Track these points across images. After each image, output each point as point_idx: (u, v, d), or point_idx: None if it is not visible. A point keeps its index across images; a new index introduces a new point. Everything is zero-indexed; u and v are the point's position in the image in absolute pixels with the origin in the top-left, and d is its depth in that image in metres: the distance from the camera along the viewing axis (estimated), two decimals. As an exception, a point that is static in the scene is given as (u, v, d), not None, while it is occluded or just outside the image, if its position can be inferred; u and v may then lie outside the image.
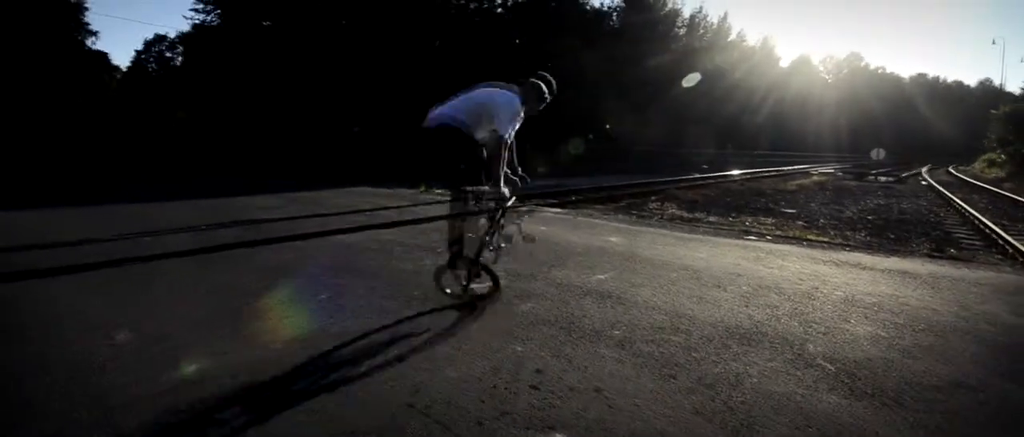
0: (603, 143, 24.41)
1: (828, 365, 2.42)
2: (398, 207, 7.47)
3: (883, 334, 2.83)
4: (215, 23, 20.72)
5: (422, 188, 10.10)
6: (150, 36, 30.97)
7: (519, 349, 2.52)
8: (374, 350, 2.48)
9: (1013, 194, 14.43)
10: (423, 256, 4.46)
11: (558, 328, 2.80)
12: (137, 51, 28.59)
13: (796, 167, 26.71)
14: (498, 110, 2.95)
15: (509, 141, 2.96)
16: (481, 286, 3.25)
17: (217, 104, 16.92)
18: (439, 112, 3.03)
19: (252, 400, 2.01)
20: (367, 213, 6.90)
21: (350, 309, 3.04)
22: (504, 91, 3.05)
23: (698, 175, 17.89)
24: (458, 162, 2.99)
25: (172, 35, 26.13)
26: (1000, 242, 6.56)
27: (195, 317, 2.88)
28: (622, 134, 26.32)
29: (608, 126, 25.60)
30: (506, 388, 2.13)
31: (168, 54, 27.46)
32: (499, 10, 25.26)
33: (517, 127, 3.08)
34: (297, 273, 3.83)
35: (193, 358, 2.32)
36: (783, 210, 10.06)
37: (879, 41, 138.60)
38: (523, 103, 3.08)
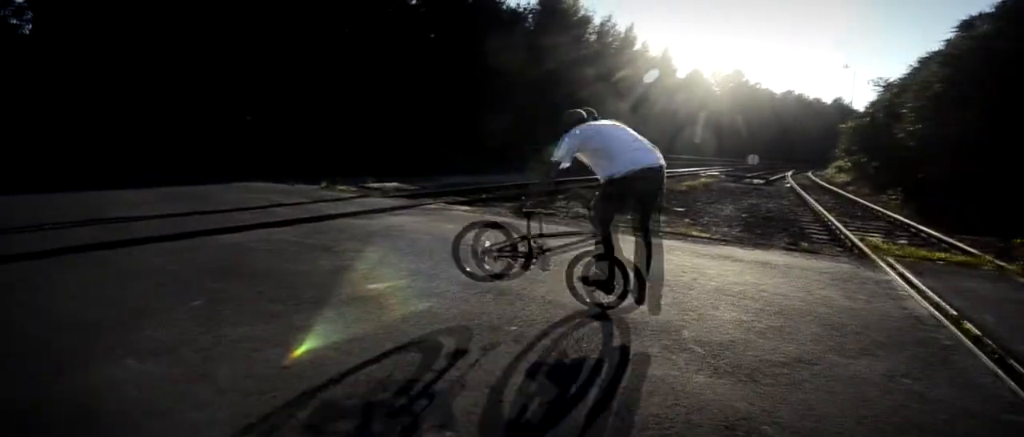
0: (518, 141, 24.84)
1: (698, 348, 2.69)
2: (296, 204, 7.02)
3: (744, 319, 3.20)
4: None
5: (324, 184, 9.55)
6: (-14, -2, 25.81)
7: (413, 349, 2.49)
8: (254, 359, 2.29)
9: (854, 196, 17.12)
10: (319, 256, 4.21)
11: (455, 324, 2.80)
12: (-28, 15, 23.65)
13: (687, 170, 29.29)
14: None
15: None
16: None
17: (77, 82, 14.49)
18: (648, 151, 3.03)
19: (103, 424, 1.76)
20: (258, 210, 6.41)
21: (229, 316, 2.78)
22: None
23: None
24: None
25: (20, -1, 21.97)
26: (841, 236, 7.75)
27: (33, 333, 2.46)
28: (536, 134, 26.97)
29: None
30: (399, 389, 2.08)
31: (13, 20, 23.04)
32: (413, 1, 24.64)
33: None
34: (168, 278, 3.42)
35: (29, 383, 1.98)
36: (674, 209, 10.99)
37: (758, 61, 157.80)
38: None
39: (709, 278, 4.15)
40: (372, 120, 18.30)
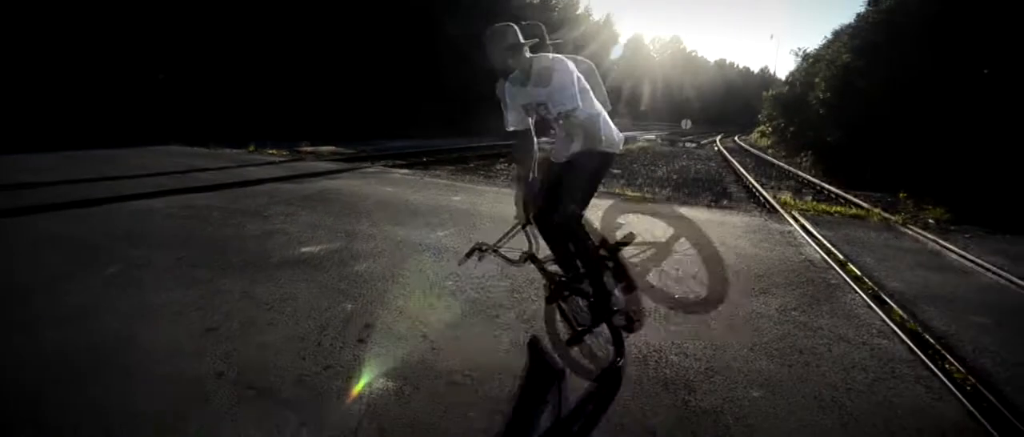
0: (460, 107, 24.39)
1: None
2: (219, 168, 6.60)
3: (664, 268, 3.48)
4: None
5: (252, 148, 9.00)
6: None
7: (349, 306, 2.52)
8: (177, 323, 2.23)
9: (773, 159, 18.47)
10: (246, 222, 4.05)
11: (392, 283, 2.85)
12: None
13: (627, 134, 30.22)
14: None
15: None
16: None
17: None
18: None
19: (27, 390, 1.67)
20: (177, 176, 5.99)
21: (149, 282, 2.66)
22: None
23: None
24: None
25: None
26: (756, 194, 8.44)
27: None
28: (477, 98, 26.61)
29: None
30: (331, 344, 2.12)
31: None
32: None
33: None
34: (79, 245, 3.18)
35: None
36: (611, 171, 11.41)
37: (693, 28, 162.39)
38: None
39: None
40: (307, 81, 17.20)
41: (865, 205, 7.51)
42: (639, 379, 2.02)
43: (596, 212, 2.31)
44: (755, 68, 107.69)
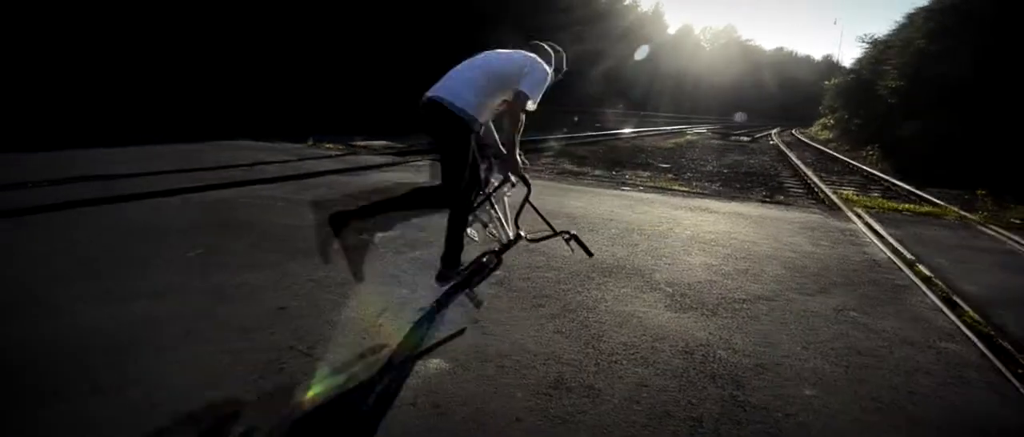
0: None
1: (668, 288, 2.90)
2: (282, 162, 7.02)
3: (713, 262, 3.43)
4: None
5: (310, 142, 9.49)
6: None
7: (405, 292, 2.66)
8: (253, 300, 2.45)
9: (835, 152, 17.44)
10: (308, 211, 4.31)
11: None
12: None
13: (675, 127, 29.34)
14: (530, 71, 2.36)
15: (533, 108, 2.38)
16: None
17: (56, 46, 13.88)
18: (440, 86, 2.40)
19: (124, 356, 1.91)
20: (245, 168, 6.42)
21: (227, 264, 2.92)
22: (532, 54, 2.49)
23: (591, 133, 18.94)
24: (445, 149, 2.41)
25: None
26: (816, 190, 8.03)
27: (46, 280, 2.57)
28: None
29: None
30: (390, 325, 2.26)
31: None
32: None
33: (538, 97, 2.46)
34: (163, 230, 3.52)
35: (55, 319, 2.11)
36: (659, 165, 11.16)
37: (749, 16, 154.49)
38: (554, 70, 2.57)
39: (684, 228, 4.36)
40: (361, 77, 17.88)
41: (940, 202, 7.00)
42: (685, 371, 2.03)
43: (643, 206, 2.32)
44: (817, 56, 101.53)
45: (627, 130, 21.73)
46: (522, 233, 2.62)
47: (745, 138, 22.93)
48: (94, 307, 2.26)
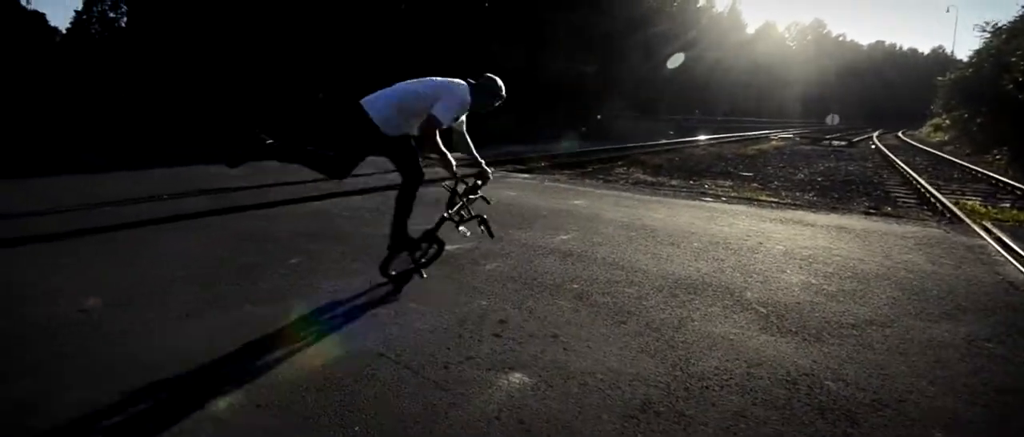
0: (579, 111, 24.44)
1: (761, 309, 2.70)
2: (367, 175, 7.47)
3: (813, 281, 3.14)
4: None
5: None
6: (89, -6, 28.49)
7: (484, 303, 2.70)
8: (347, 306, 2.60)
9: (952, 157, 15.45)
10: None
11: (521, 283, 2.99)
12: (77, 11, 26.38)
13: (758, 132, 27.54)
14: (444, 97, 2.81)
15: (444, 126, 2.81)
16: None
17: (169, 67, 16.03)
18: (368, 97, 2.87)
19: (236, 355, 2.12)
20: (336, 181, 6.89)
21: (322, 271, 3.14)
22: (452, 81, 2.93)
23: (665, 141, 18.28)
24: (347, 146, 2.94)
25: (114, -7, 24.17)
26: (932, 200, 7.12)
27: (169, 283, 2.92)
28: (594, 99, 26.38)
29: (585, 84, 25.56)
30: (471, 336, 2.30)
31: (111, 14, 25.51)
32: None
33: (461, 118, 3.01)
34: (268, 239, 3.86)
35: (179, 321, 2.39)
36: (741, 173, 10.50)
37: (842, 8, 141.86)
38: (473, 97, 2.93)
39: (776, 242, 4.05)
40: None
41: (1093, 215, 5.94)
42: (787, 402, 1.87)
43: (727, 218, 2.18)
44: (924, 49, 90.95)
45: (702, 137, 20.74)
46: (447, 214, 3.07)
47: (839, 142, 20.96)
48: (209, 311, 2.53)
